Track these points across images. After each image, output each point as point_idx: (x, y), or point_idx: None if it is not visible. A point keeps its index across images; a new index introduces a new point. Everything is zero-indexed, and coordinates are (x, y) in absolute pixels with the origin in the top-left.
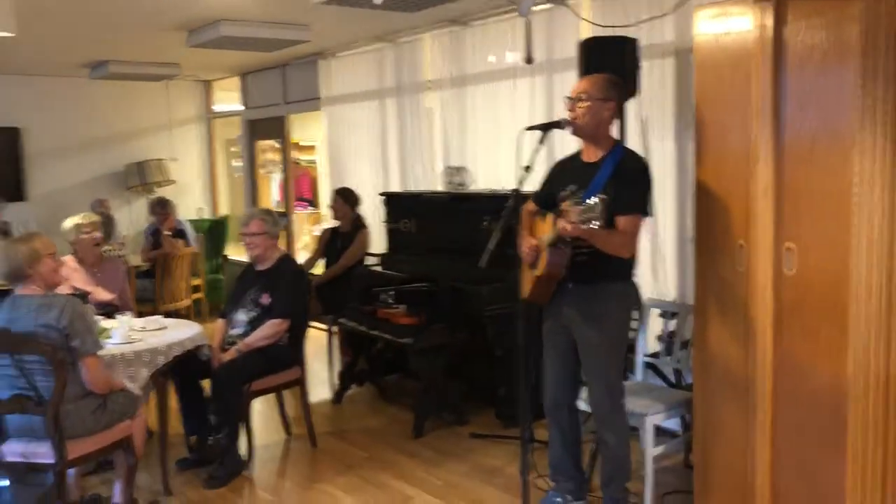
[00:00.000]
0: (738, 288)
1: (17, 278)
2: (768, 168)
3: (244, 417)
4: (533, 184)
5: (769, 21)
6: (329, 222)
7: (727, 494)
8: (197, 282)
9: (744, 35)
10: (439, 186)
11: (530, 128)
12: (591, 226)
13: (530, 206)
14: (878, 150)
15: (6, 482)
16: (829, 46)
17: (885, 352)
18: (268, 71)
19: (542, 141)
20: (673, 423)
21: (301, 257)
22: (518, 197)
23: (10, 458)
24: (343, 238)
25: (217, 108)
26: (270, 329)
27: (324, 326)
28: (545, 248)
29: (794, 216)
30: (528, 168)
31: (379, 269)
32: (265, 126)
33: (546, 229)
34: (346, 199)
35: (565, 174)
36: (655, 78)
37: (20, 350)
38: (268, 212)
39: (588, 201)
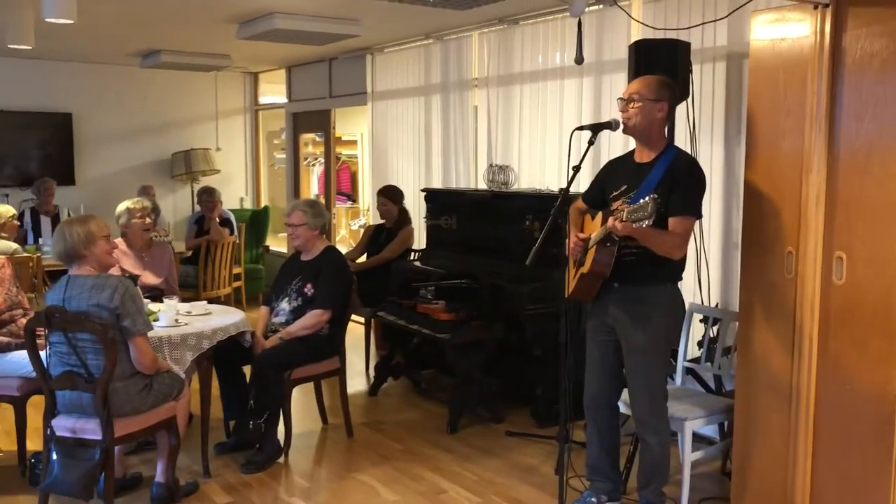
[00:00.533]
0: (786, 295)
1: (73, 258)
2: (821, 176)
3: (284, 404)
4: (580, 185)
5: (827, 27)
6: (370, 218)
7: (764, 503)
8: (238, 270)
9: (801, 41)
10: (482, 184)
11: (580, 128)
12: (641, 224)
13: (580, 204)
14: None
15: (56, 456)
16: (889, 55)
17: None
18: (314, 64)
19: (591, 141)
20: (710, 430)
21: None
22: (566, 196)
23: (60, 433)
24: (388, 234)
25: (263, 100)
26: (312, 319)
27: (361, 319)
28: (593, 245)
29: (845, 225)
30: (577, 168)
31: (418, 264)
32: (309, 119)
33: (595, 227)
34: (390, 197)
35: (618, 174)
36: (706, 82)
37: (73, 328)
38: (311, 203)
39: (640, 201)
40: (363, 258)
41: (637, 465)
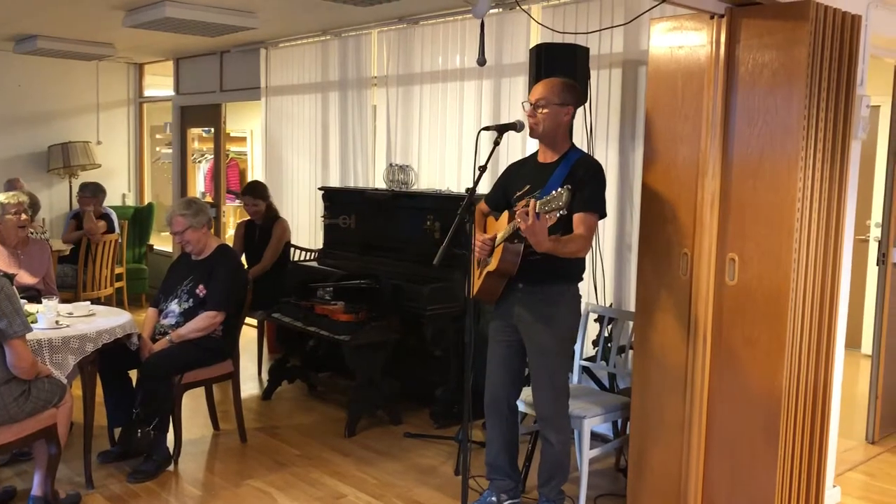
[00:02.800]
0: (681, 294)
1: None
2: (716, 180)
3: (173, 410)
4: (483, 186)
5: (723, 37)
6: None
7: (659, 499)
8: (120, 270)
9: (697, 50)
10: (381, 184)
11: (487, 128)
12: (556, 215)
13: (483, 206)
14: (818, 167)
15: None
16: (779, 66)
17: (816, 363)
18: (204, 56)
19: (497, 142)
20: (604, 428)
21: None
22: (473, 195)
23: None
24: (261, 231)
25: (148, 92)
26: (205, 321)
27: (253, 321)
28: (500, 243)
29: (738, 228)
30: (483, 168)
31: (314, 264)
32: (198, 113)
33: (500, 227)
34: (254, 194)
35: (520, 175)
36: (602, 87)
37: None
38: (187, 203)
39: (553, 192)
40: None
41: (536, 463)
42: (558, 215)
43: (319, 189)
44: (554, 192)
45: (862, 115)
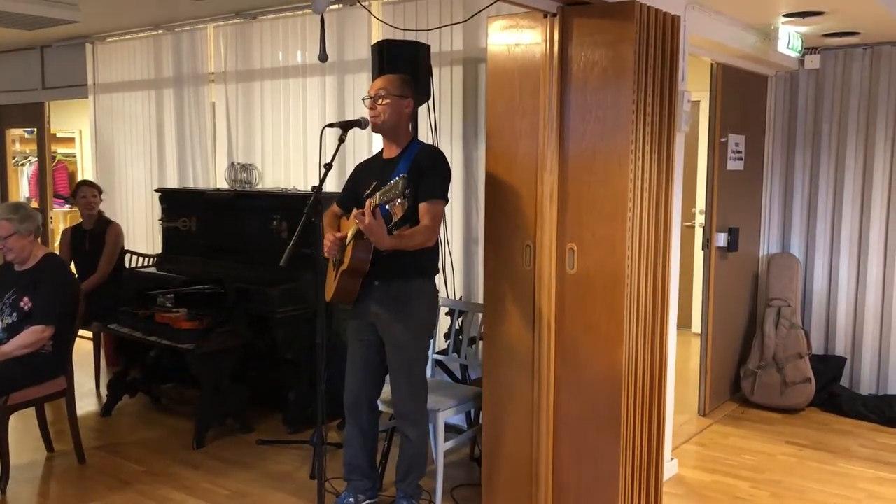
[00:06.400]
0: (526, 285)
1: None
2: (554, 174)
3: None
4: (332, 184)
5: (556, 36)
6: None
7: (513, 484)
8: None
9: (533, 48)
10: (223, 184)
11: (330, 125)
12: (397, 204)
13: (335, 209)
14: (647, 159)
15: None
16: (608, 63)
17: (652, 344)
18: (22, 52)
19: (342, 139)
20: (458, 419)
21: None
22: (319, 193)
23: None
24: (91, 237)
25: None
26: (31, 336)
27: (88, 334)
28: (350, 241)
29: (576, 219)
30: (329, 165)
31: (153, 270)
32: (17, 112)
33: (351, 227)
34: (92, 185)
35: (367, 174)
36: (444, 84)
37: None
38: (14, 207)
39: (390, 182)
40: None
41: (393, 460)
42: (406, 206)
43: (156, 191)
44: (391, 182)
45: (684, 109)
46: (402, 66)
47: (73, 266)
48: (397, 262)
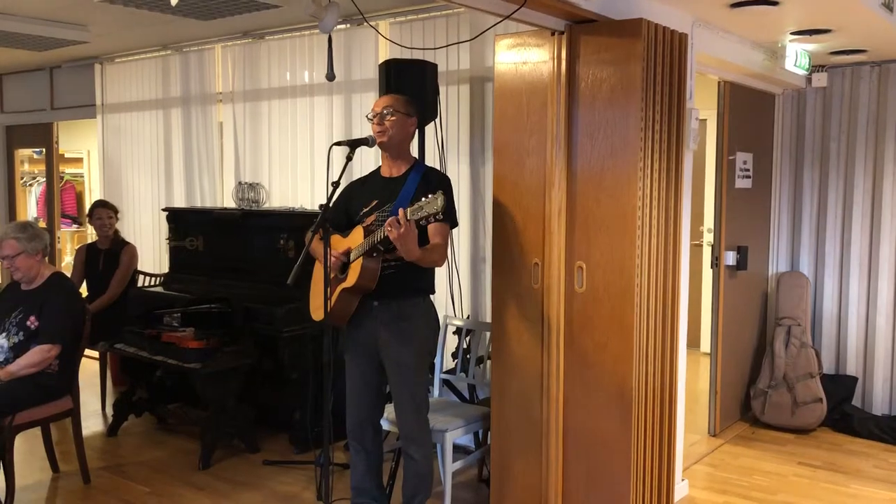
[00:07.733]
0: (534, 303)
1: None
2: (562, 192)
3: (3, 455)
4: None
5: (563, 53)
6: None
7: None
8: None
9: (540, 66)
10: (229, 203)
11: (338, 143)
12: (430, 220)
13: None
14: (656, 177)
15: None
16: (616, 81)
17: (662, 364)
18: (32, 73)
19: (350, 157)
20: (466, 440)
21: None
22: (326, 212)
23: None
24: (106, 256)
25: None
26: (38, 355)
27: (95, 353)
28: (357, 257)
29: (584, 237)
30: (336, 183)
31: (160, 289)
32: (26, 133)
33: (352, 243)
34: (108, 206)
35: (364, 191)
36: (451, 103)
37: None
38: (22, 227)
39: (423, 199)
40: (82, 289)
41: (400, 480)
42: (437, 220)
43: (163, 210)
44: (424, 198)
45: (692, 127)
46: (410, 84)
47: (84, 284)
48: (399, 281)
